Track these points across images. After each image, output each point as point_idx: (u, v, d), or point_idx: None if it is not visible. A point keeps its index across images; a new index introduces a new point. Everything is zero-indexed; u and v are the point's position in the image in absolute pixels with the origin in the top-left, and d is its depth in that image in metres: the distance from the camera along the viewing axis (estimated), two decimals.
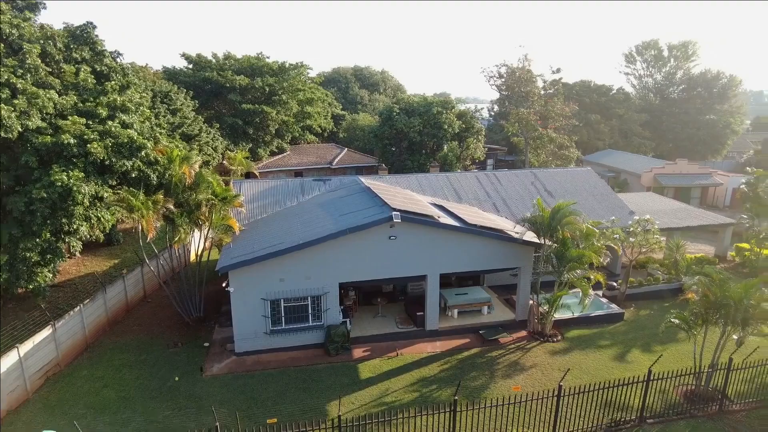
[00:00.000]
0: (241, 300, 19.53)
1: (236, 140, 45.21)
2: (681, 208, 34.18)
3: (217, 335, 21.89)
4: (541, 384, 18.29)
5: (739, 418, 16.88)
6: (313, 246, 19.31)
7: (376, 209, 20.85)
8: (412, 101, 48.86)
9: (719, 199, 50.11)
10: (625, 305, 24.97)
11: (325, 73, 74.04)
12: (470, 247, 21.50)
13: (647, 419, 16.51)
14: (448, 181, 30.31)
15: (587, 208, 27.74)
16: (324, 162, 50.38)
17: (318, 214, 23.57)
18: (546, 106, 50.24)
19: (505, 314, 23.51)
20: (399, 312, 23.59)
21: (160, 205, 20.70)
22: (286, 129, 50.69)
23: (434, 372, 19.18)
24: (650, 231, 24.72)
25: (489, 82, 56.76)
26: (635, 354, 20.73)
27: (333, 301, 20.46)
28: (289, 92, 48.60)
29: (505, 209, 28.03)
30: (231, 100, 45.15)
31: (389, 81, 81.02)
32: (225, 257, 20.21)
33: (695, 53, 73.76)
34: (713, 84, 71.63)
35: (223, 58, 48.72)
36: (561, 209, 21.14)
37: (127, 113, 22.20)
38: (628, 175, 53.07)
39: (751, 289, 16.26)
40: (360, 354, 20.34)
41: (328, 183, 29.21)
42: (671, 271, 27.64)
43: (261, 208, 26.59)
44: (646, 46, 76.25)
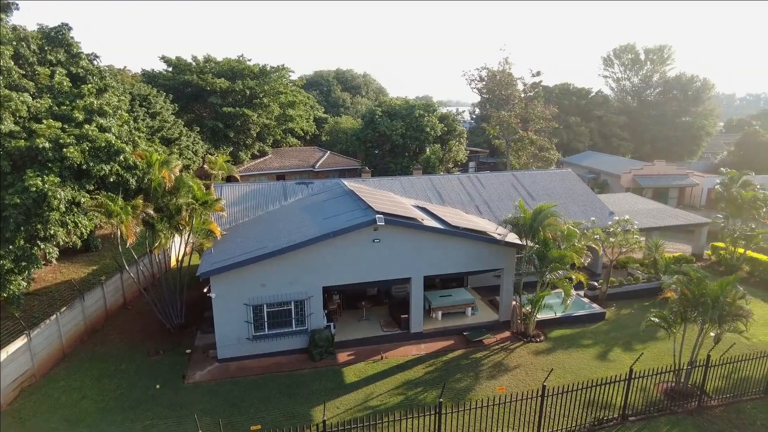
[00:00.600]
0: (223, 305, 19.27)
1: (217, 144, 44.74)
2: (659, 209, 34.82)
3: (200, 342, 21.56)
4: (526, 384, 18.41)
5: (717, 413, 17.21)
6: (296, 250, 19.16)
7: (359, 212, 20.79)
8: (395, 104, 48.97)
9: (696, 199, 51.22)
10: (607, 305, 25.31)
11: (307, 76, 73.81)
12: (454, 249, 21.58)
13: (629, 417, 16.73)
14: (431, 184, 30.40)
15: (568, 210, 28.09)
16: (306, 165, 50.14)
17: (301, 217, 23.42)
18: (526, 109, 50.77)
19: (489, 315, 23.63)
20: (383, 315, 23.55)
21: (139, 210, 20.33)
22: (268, 132, 50.34)
23: (419, 374, 19.17)
24: (630, 231, 25.11)
25: (470, 85, 57.18)
26: (617, 353, 21.01)
27: (317, 305, 20.32)
28: (271, 95, 48.29)
29: (488, 211, 28.21)
30: (211, 104, 44.69)
31: (371, 84, 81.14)
32: (206, 262, 19.94)
33: (670, 57, 75.49)
34: (688, 87, 73.34)
35: (203, 61, 48.21)
36: (542, 211, 21.37)
37: (104, 117, 21.78)
38: (607, 177, 53.91)
39: (727, 286, 16.61)
40: (345, 358, 20.23)
41: (310, 186, 29.06)
42: (651, 270, 28.13)
43: (243, 212, 26.32)
44: (623, 50, 77.74)
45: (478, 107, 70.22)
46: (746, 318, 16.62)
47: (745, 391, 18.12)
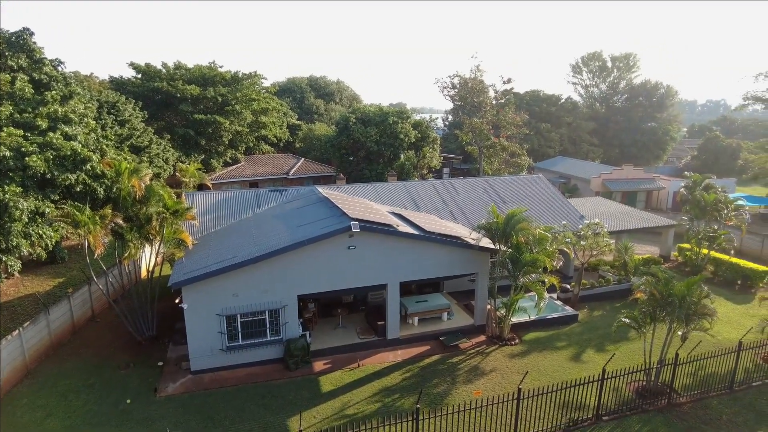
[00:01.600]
0: (195, 316, 18.89)
1: (188, 151, 44.03)
2: (628, 212, 35.74)
3: (172, 353, 21.07)
4: (501, 387, 18.56)
5: (686, 409, 17.68)
6: (270, 258, 18.94)
7: (334, 219, 20.71)
8: (369, 111, 49.12)
9: (662, 202, 52.75)
10: (579, 307, 25.77)
11: (280, 83, 73.39)
12: (429, 254, 21.67)
13: (603, 417, 17.02)
14: (405, 190, 30.53)
15: (539, 214, 28.57)
16: (280, 172, 49.77)
17: (274, 225, 23.19)
18: (498, 116, 51.58)
19: (465, 319, 23.78)
20: (360, 322, 23.45)
21: (108, 220, 19.81)
22: (240, 139, 49.84)
23: (396, 381, 19.13)
24: (600, 234, 25.66)
25: (443, 92, 57.83)
26: (590, 354, 21.39)
27: (291, 314, 20.10)
28: (243, 102, 47.85)
29: (462, 216, 28.48)
30: (182, 111, 44.00)
31: (345, 91, 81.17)
32: (177, 272, 19.53)
33: (636, 65, 77.89)
34: (653, 93, 75.77)
35: (173, 67, 47.48)
36: (515, 215, 21.68)
37: (69, 124, 21.23)
38: (577, 181, 55.09)
39: (692, 286, 17.13)
40: (321, 367, 20.04)
41: (284, 193, 28.83)
42: (621, 272, 28.79)
43: (215, 221, 25.92)
44: (591, 58, 79.86)
45: (451, 114, 71.06)
46: (711, 316, 17.16)
47: (712, 388, 18.68)
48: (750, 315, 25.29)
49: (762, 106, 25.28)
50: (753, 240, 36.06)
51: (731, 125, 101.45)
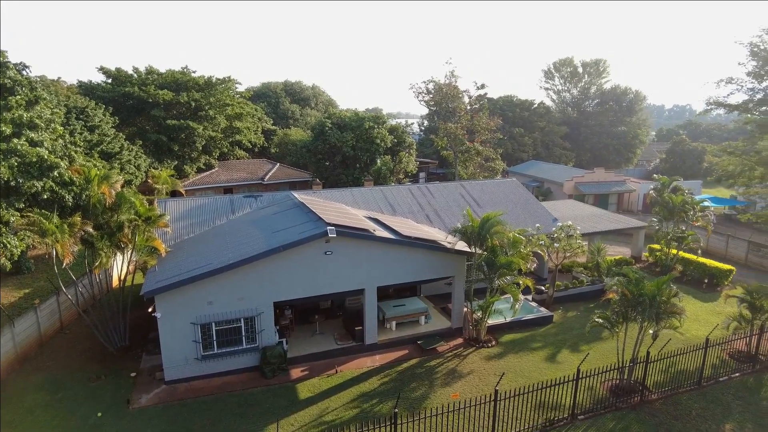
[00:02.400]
0: (169, 325, 18.53)
1: (161, 157, 43.25)
2: (600, 214, 36.53)
3: (145, 364, 20.60)
4: (479, 389, 18.70)
5: (657, 406, 18.11)
6: (245, 265, 18.73)
7: (310, 224, 20.61)
8: (345, 116, 49.11)
9: (633, 204, 54.08)
10: (554, 308, 26.18)
11: (254, 88, 72.80)
12: (406, 258, 21.74)
13: (578, 416, 17.30)
14: (382, 195, 30.59)
15: (514, 217, 28.98)
16: (255, 178, 49.28)
17: (249, 231, 22.95)
18: (472, 121, 52.18)
19: (442, 323, 23.91)
20: (337, 328, 23.35)
21: (77, 228, 19.30)
22: (214, 145, 49.19)
23: (374, 386, 19.09)
24: (573, 236, 26.15)
25: (418, 98, 58.19)
26: (565, 354, 21.73)
27: (268, 321, 19.88)
28: (217, 107, 47.30)
29: (438, 220, 28.68)
30: (155, 116, 43.23)
31: (321, 96, 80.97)
32: (150, 281, 19.14)
33: (606, 70, 79.83)
34: (622, 98, 77.78)
35: (145, 72, 46.66)
36: (489, 219, 21.93)
37: (35, 130, 20.66)
38: (551, 184, 56.06)
39: (662, 286, 17.60)
40: (298, 374, 19.86)
41: (259, 199, 28.57)
42: (594, 273, 29.36)
43: (188, 228, 25.52)
44: (562, 63, 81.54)
45: (427, 119, 71.55)
46: (680, 315, 17.65)
47: (682, 384, 19.19)
48: (716, 312, 26.09)
49: (724, 110, 26.20)
50: (718, 240, 37.26)
51: (696, 129, 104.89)
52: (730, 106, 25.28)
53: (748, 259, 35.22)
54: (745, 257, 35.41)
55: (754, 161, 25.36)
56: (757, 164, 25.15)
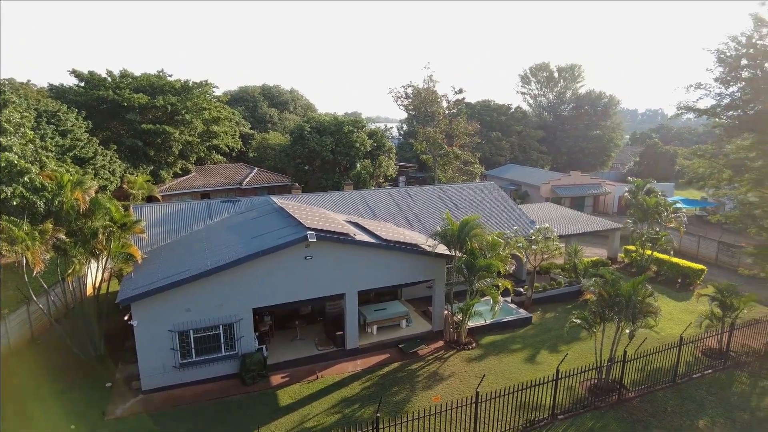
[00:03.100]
0: (145, 333, 18.16)
1: (136, 162, 42.44)
2: (576, 216, 37.14)
3: (121, 373, 20.13)
4: (460, 392, 18.77)
5: (634, 404, 18.45)
6: (224, 271, 18.48)
7: (290, 229, 20.47)
8: (324, 120, 48.99)
9: (608, 206, 55.15)
10: (533, 309, 26.48)
11: (232, 92, 72.10)
12: (387, 262, 21.75)
13: (558, 416, 17.50)
14: (362, 199, 30.58)
15: (492, 220, 29.29)
16: (233, 182, 48.75)
17: (227, 237, 22.69)
18: (451, 125, 52.60)
19: (423, 326, 23.96)
20: (318, 333, 23.19)
21: (48, 235, 18.79)
22: (191, 149, 48.49)
23: (356, 391, 19.01)
24: (550, 238, 26.52)
25: (397, 102, 58.36)
26: (544, 355, 21.98)
27: (247, 328, 19.64)
28: (194, 111, 46.66)
29: (418, 224, 28.78)
30: (130, 120, 42.40)
31: (299, 100, 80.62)
32: (126, 288, 18.75)
33: (581, 75, 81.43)
34: (597, 103, 79.38)
35: (119, 75, 45.77)
36: (468, 222, 22.11)
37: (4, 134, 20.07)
38: (528, 188, 56.82)
39: (638, 286, 17.97)
40: (278, 381, 19.66)
41: (237, 204, 28.27)
42: (571, 274, 29.81)
43: (165, 234, 25.09)
44: (538, 68, 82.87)
45: (406, 123, 71.88)
46: (655, 314, 18.05)
47: (658, 382, 19.60)
48: (689, 311, 26.73)
49: (694, 115, 26.94)
50: (690, 240, 38.24)
51: (668, 133, 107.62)
52: (699, 110, 25.98)
53: (718, 259, 36.21)
54: (716, 257, 36.40)
55: (722, 164, 26.10)
56: (726, 167, 25.88)
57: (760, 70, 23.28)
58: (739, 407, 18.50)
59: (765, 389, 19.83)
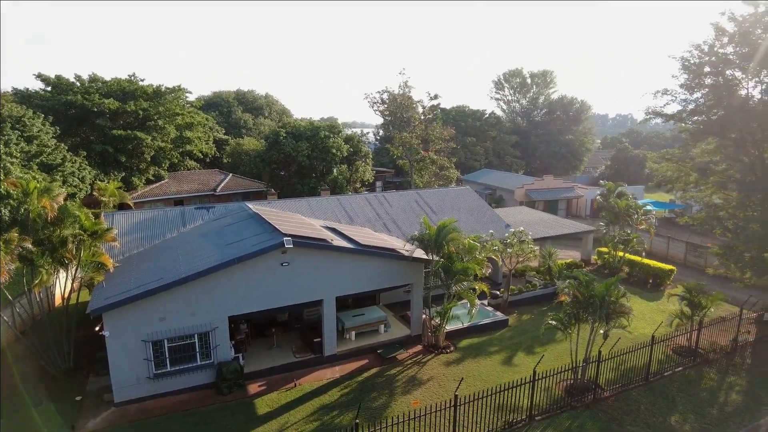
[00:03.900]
0: (118, 344, 17.69)
1: (107, 169, 41.45)
2: (550, 219, 37.75)
3: (92, 386, 19.55)
4: (439, 396, 18.82)
5: (609, 403, 18.80)
6: (198, 279, 18.17)
7: (266, 236, 20.26)
8: (299, 125, 48.76)
9: (581, 209, 56.24)
10: (509, 312, 26.78)
11: (206, 97, 71.21)
12: (364, 267, 21.71)
13: (536, 417, 17.71)
14: (339, 204, 30.49)
15: (468, 224, 29.55)
16: (207, 189, 48.05)
17: (202, 244, 22.33)
18: (426, 130, 53.00)
19: (401, 331, 23.97)
20: (295, 340, 22.98)
21: (14, 245, 18.15)
22: (164, 156, 47.64)
23: (335, 398, 18.88)
24: (525, 241, 26.90)
25: (373, 107, 58.55)
26: (521, 357, 22.23)
27: (223, 336, 19.32)
28: (166, 117, 45.90)
29: (395, 228, 28.84)
30: (100, 126, 41.42)
31: (274, 105, 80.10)
32: (97, 298, 18.25)
33: (553, 81, 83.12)
34: (569, 108, 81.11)
35: (88, 80, 44.74)
36: (446, 226, 22.27)
37: None
38: (503, 192, 57.56)
39: (611, 287, 18.36)
40: (256, 389, 19.38)
41: (212, 211, 27.86)
42: (546, 277, 30.27)
43: (138, 242, 24.56)
44: (512, 74, 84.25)
45: (382, 129, 72.12)
46: (628, 314, 18.46)
47: (631, 380, 20.02)
48: (661, 311, 27.42)
49: (661, 120, 27.74)
50: (660, 242, 39.29)
51: (638, 137, 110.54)
52: (666, 115, 26.74)
53: (687, 259, 37.29)
54: (684, 257, 37.48)
55: (689, 167, 26.92)
56: (692, 170, 26.70)
57: (721, 77, 24.11)
58: (708, 403, 19.04)
59: (732, 385, 20.46)
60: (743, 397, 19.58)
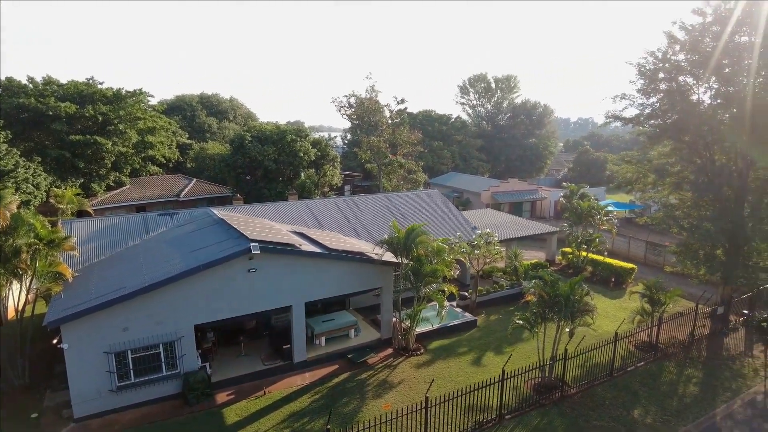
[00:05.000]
0: (77, 357, 17.01)
1: (64, 175, 39.87)
2: (516, 221, 38.48)
3: (50, 402, 18.72)
4: (410, 398, 18.87)
5: (576, 399, 19.25)
6: (162, 287, 17.68)
7: (231, 242, 19.90)
8: (266, 129, 48.17)
9: (545, 211, 57.54)
10: (477, 312, 27.11)
11: (168, 101, 69.51)
12: (334, 272, 21.60)
13: (505, 416, 17.96)
14: (307, 209, 30.26)
15: (437, 227, 29.81)
16: (170, 194, 46.88)
17: (166, 252, 21.77)
18: (394, 134, 53.28)
19: (372, 334, 23.94)
20: (264, 348, 22.62)
21: None
22: (125, 161, 46.17)
23: (305, 404, 18.68)
24: (492, 243, 27.34)
25: (340, 111, 58.47)
26: (490, 357, 22.53)
27: (189, 345, 18.84)
28: (127, 121, 44.52)
29: (365, 232, 28.82)
30: (56, 131, 39.81)
31: (239, 109, 78.90)
32: (55, 309, 17.49)
33: (516, 86, 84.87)
34: (532, 112, 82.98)
35: (42, 82, 42.98)
36: (414, 230, 22.41)
37: None
38: (469, 195, 58.35)
39: (575, 286, 18.85)
40: (224, 398, 18.98)
41: (176, 217, 27.21)
42: (512, 277, 30.81)
43: (98, 250, 23.74)
44: (476, 79, 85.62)
45: (350, 133, 72.05)
46: (592, 312, 18.98)
47: (596, 377, 20.57)
48: (623, 308, 28.30)
49: (621, 123, 28.67)
50: (621, 241, 40.58)
51: (599, 140, 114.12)
52: (625, 119, 27.66)
53: (647, 258, 38.63)
54: (644, 256, 38.82)
55: (647, 169, 27.90)
56: (650, 171, 27.68)
57: (674, 83, 25.15)
58: (668, 395, 19.75)
59: (689, 377, 21.29)
60: (700, 388, 20.41)
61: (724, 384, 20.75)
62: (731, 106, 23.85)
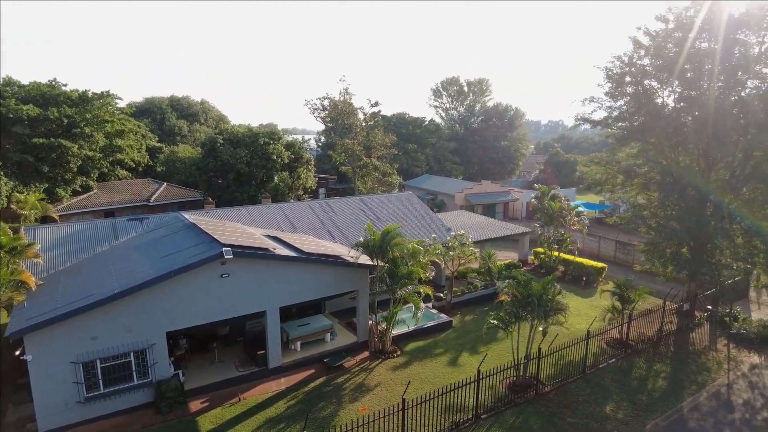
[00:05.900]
0: (42, 368, 16.39)
1: (27, 180, 38.48)
2: (489, 222, 38.94)
3: (13, 416, 18.00)
4: (387, 400, 18.85)
5: (550, 397, 19.55)
6: (132, 294, 17.23)
7: (204, 246, 19.54)
8: (237, 132, 47.57)
9: (518, 212, 58.43)
10: (452, 313, 27.30)
11: (137, 104, 67.99)
12: (309, 275, 21.42)
13: (481, 415, 18.11)
14: (281, 212, 29.96)
15: (412, 229, 29.93)
16: (140, 199, 45.78)
17: (135, 258, 21.23)
18: (368, 137, 53.31)
19: (348, 338, 23.83)
20: (238, 354, 22.27)
21: None
22: (92, 165, 44.86)
23: (281, 410, 18.45)
24: (466, 244, 27.58)
25: (314, 114, 58.27)
26: (465, 357, 22.69)
27: (160, 353, 18.40)
28: (94, 124, 43.27)
29: (340, 235, 28.70)
30: (17, 134, 38.45)
31: (210, 111, 77.72)
32: (17, 319, 16.83)
33: (488, 89, 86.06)
34: (504, 115, 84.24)
35: (2, 83, 41.47)
36: (390, 232, 22.45)
37: None
38: (443, 197, 58.80)
39: (547, 285, 19.17)
40: (198, 406, 18.59)
41: (145, 222, 26.59)
42: (486, 278, 31.14)
43: (64, 257, 22.98)
44: (449, 83, 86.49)
45: (324, 135, 71.81)
46: (564, 311, 19.33)
47: (570, 374, 20.94)
48: (594, 306, 28.90)
49: (590, 126, 29.36)
50: (592, 241, 41.48)
51: (569, 142, 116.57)
52: (594, 121, 28.34)
53: (616, 257, 39.58)
54: (614, 255, 39.76)
55: (615, 170, 28.63)
56: (618, 173, 28.41)
57: (640, 86, 25.92)
58: (638, 390, 20.24)
59: (658, 372, 21.88)
60: (668, 382, 20.99)
61: (691, 377, 21.40)
62: (694, 109, 24.69)
